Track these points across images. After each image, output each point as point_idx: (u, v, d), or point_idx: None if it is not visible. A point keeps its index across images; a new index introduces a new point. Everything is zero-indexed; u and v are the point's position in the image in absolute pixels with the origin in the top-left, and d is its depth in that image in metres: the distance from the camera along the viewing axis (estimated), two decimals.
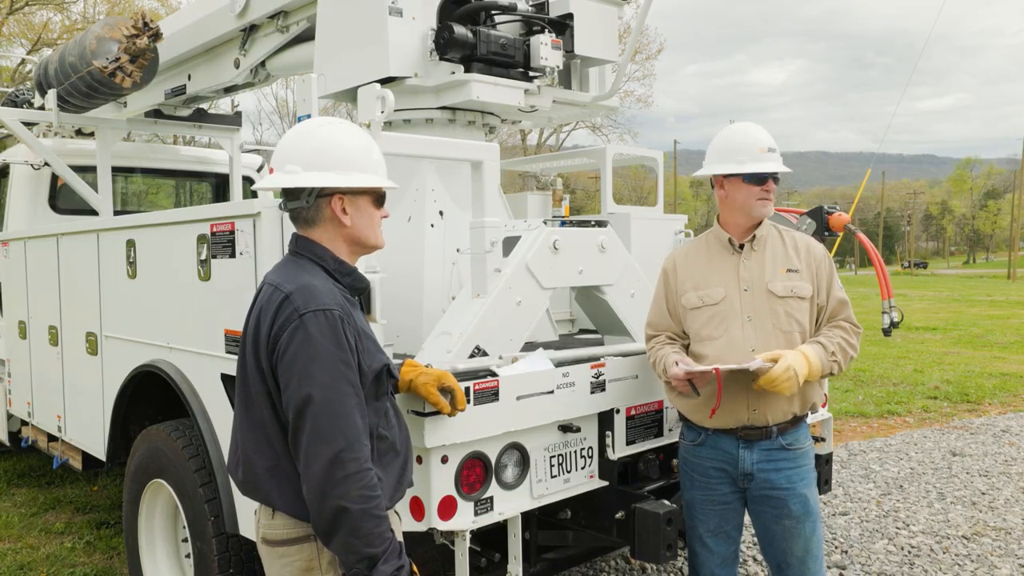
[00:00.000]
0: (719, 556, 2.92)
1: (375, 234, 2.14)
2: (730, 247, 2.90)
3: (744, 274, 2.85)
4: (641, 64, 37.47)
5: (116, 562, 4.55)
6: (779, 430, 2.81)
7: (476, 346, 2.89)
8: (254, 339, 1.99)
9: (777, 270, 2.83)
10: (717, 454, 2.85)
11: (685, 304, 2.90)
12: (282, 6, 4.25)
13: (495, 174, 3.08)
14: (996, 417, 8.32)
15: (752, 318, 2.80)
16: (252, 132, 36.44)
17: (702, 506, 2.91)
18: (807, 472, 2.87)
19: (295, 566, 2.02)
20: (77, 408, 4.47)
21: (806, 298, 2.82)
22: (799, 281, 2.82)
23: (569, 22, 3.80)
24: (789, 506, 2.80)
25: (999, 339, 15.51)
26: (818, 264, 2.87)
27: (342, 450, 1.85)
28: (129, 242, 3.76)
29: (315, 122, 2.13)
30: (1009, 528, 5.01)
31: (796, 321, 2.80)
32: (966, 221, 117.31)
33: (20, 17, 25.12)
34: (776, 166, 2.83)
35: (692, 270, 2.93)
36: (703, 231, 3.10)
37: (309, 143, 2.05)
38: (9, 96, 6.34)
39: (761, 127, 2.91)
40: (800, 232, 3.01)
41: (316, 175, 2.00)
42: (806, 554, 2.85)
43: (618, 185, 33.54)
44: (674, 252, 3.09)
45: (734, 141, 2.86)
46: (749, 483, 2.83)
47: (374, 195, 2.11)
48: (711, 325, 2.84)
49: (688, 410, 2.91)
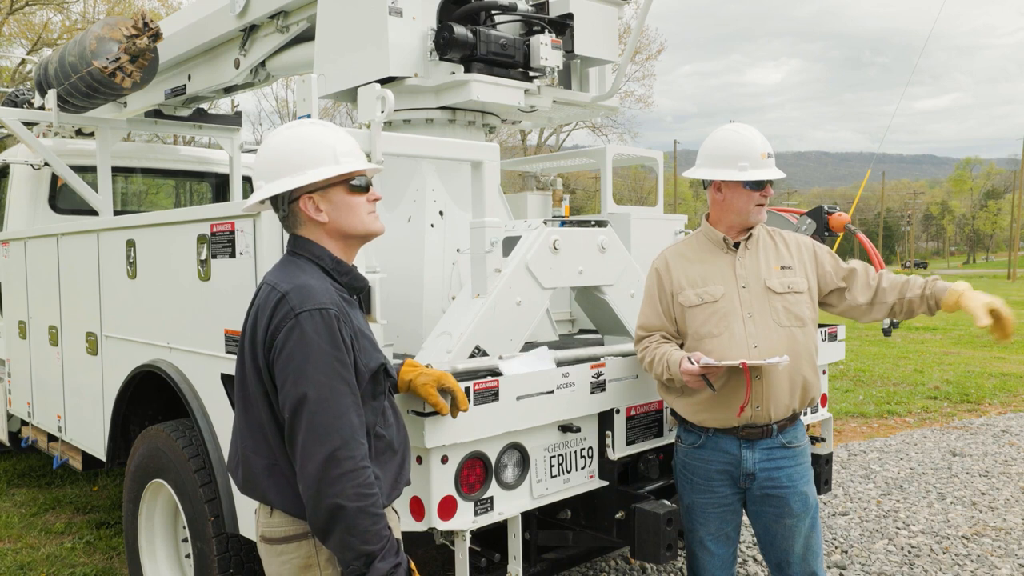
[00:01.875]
0: (720, 559, 2.92)
1: (361, 221, 2.08)
2: (724, 245, 2.90)
3: (741, 271, 2.85)
4: (641, 64, 37.49)
5: (116, 562, 4.55)
6: (779, 428, 2.82)
7: (476, 346, 2.89)
8: (251, 339, 2.00)
9: (772, 267, 2.86)
10: (719, 455, 2.84)
11: (683, 302, 2.88)
12: (282, 6, 4.25)
13: (495, 174, 3.08)
14: (996, 417, 8.32)
15: (752, 314, 2.81)
16: (252, 132, 36.46)
17: (703, 509, 2.90)
18: (806, 470, 2.89)
19: (293, 563, 2.03)
20: (77, 408, 4.47)
21: (803, 292, 2.86)
22: (793, 277, 2.86)
23: (569, 22, 3.80)
24: (790, 504, 2.81)
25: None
26: (808, 255, 2.92)
27: (337, 448, 1.85)
28: (129, 242, 3.76)
29: (274, 132, 2.14)
30: (1009, 528, 5.01)
31: (795, 316, 2.82)
32: (966, 221, 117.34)
33: (20, 17, 25.13)
34: (775, 172, 2.84)
35: (687, 268, 2.92)
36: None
37: (264, 154, 2.08)
38: (9, 96, 6.35)
39: (755, 129, 2.90)
40: (786, 231, 3.05)
41: (275, 184, 2.02)
42: (806, 551, 2.86)
43: (618, 185, 33.55)
44: (664, 252, 3.05)
45: (735, 146, 2.83)
46: (751, 483, 2.83)
47: (345, 183, 2.06)
48: (711, 322, 2.84)
49: (689, 411, 2.88)
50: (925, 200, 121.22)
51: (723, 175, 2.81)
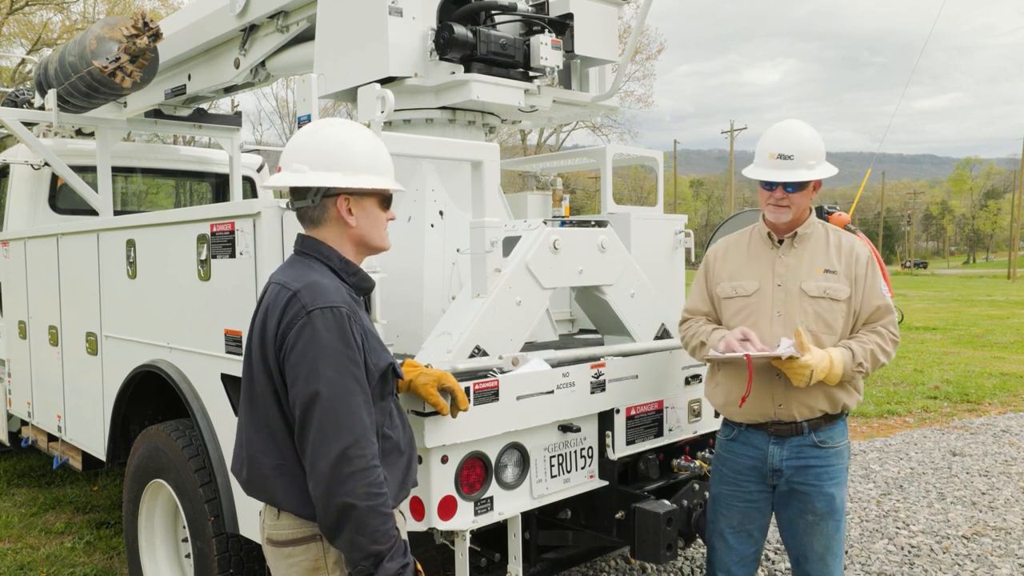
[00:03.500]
0: (738, 554, 2.92)
1: (380, 235, 2.14)
2: (769, 241, 2.90)
3: (780, 269, 2.84)
4: (641, 64, 37.50)
5: (116, 562, 4.55)
6: (811, 426, 2.79)
7: (476, 346, 2.89)
8: (260, 338, 1.99)
9: (814, 269, 2.81)
10: (748, 450, 2.86)
11: (719, 293, 2.95)
12: (282, 6, 4.25)
13: (495, 174, 3.08)
14: (996, 417, 8.32)
15: (782, 314, 2.80)
16: (252, 132, 36.50)
17: (727, 501, 2.92)
18: (837, 472, 2.83)
19: (301, 566, 2.02)
20: (77, 408, 4.47)
21: (841, 300, 2.78)
22: (835, 283, 2.78)
23: (569, 22, 3.80)
24: (814, 503, 2.80)
25: (999, 339, 15.51)
26: (858, 267, 2.81)
27: (349, 447, 1.85)
28: (129, 242, 3.76)
29: (325, 122, 2.13)
30: (1009, 528, 5.01)
31: (826, 323, 2.77)
32: (966, 221, 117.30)
33: (20, 17, 25.12)
34: (780, 175, 2.76)
35: (731, 260, 2.97)
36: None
37: (317, 142, 2.05)
38: (9, 96, 6.34)
39: (788, 128, 2.83)
40: (850, 233, 2.96)
41: (322, 175, 2.01)
42: (826, 551, 2.85)
43: (618, 185, 33.52)
44: (719, 240, 3.11)
45: (763, 141, 2.84)
46: (778, 479, 2.83)
47: (380, 197, 2.11)
48: (740, 316, 2.86)
49: (720, 404, 2.95)
50: (925, 200, 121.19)
51: (748, 168, 2.86)
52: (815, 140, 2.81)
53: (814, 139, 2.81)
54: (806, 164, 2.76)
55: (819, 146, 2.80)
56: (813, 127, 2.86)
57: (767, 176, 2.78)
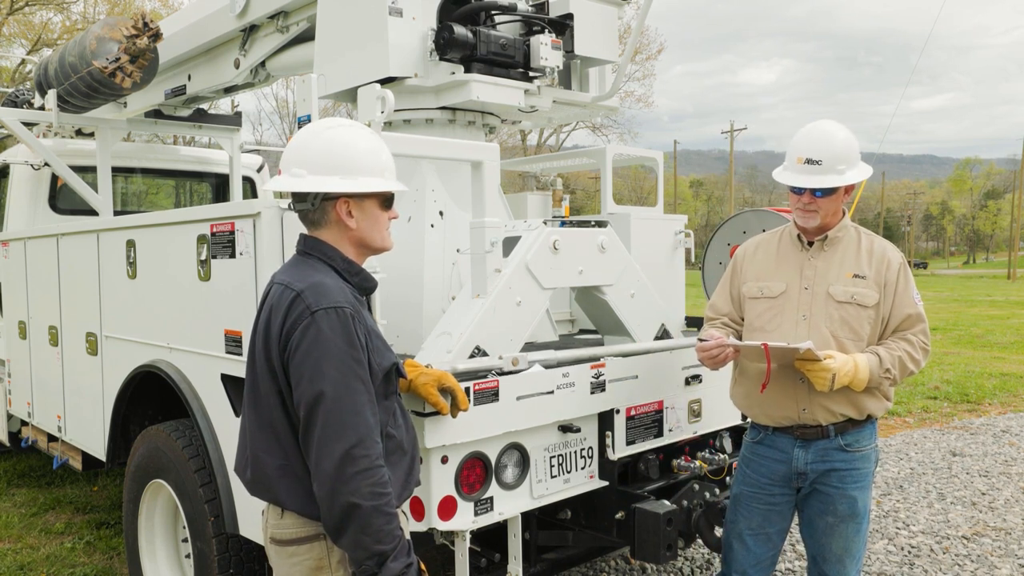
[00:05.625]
0: (754, 556, 2.90)
1: (382, 236, 2.14)
2: (799, 243, 2.86)
3: (808, 272, 2.80)
4: (641, 64, 37.51)
5: (116, 562, 4.55)
6: (837, 430, 2.76)
7: (476, 346, 2.89)
8: (264, 338, 1.99)
9: (843, 274, 2.75)
10: (774, 453, 2.85)
11: (745, 293, 2.92)
12: (282, 6, 4.25)
13: (495, 174, 3.08)
14: (996, 417, 8.32)
15: (807, 317, 2.76)
16: (252, 132, 36.50)
17: (748, 502, 2.91)
18: (862, 475, 2.80)
19: (305, 565, 2.02)
20: (77, 408, 4.47)
21: (868, 306, 2.72)
22: (864, 288, 2.72)
23: (569, 22, 3.80)
24: (835, 504, 2.79)
25: (999, 339, 15.51)
26: (889, 273, 2.75)
27: (353, 446, 1.85)
28: (129, 242, 3.76)
29: (324, 124, 2.12)
30: (1009, 528, 5.01)
31: (852, 329, 2.72)
32: (966, 221, 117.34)
33: (20, 17, 25.13)
34: (807, 180, 2.68)
35: (759, 260, 2.94)
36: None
37: (316, 146, 2.05)
38: (9, 96, 6.34)
39: (822, 130, 2.75)
40: (882, 238, 2.89)
41: (321, 179, 2.01)
42: (844, 553, 2.83)
43: (618, 185, 33.54)
44: (749, 240, 3.08)
45: (793, 143, 2.77)
46: (803, 483, 2.81)
47: (381, 198, 2.11)
48: (765, 317, 2.84)
49: (744, 404, 2.95)
50: (925, 200, 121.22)
51: (776, 170, 2.81)
52: (848, 143, 2.71)
53: (847, 142, 2.71)
54: (835, 169, 2.68)
55: (851, 149, 2.72)
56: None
57: (794, 181, 2.71)
